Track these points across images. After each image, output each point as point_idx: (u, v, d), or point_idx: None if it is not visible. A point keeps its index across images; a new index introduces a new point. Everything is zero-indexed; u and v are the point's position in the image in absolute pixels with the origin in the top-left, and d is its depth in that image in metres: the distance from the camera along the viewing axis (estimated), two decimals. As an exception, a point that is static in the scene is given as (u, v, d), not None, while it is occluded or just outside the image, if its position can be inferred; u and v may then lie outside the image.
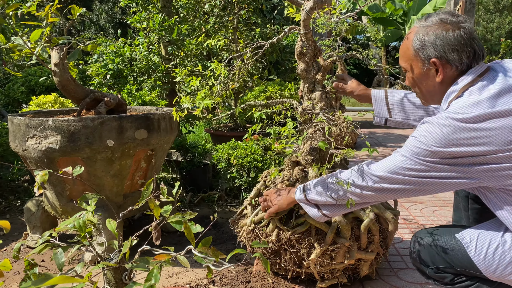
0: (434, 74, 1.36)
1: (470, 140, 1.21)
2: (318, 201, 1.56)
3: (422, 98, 1.49)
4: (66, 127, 1.99)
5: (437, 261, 1.38)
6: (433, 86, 1.39)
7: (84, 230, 1.11)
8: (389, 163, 1.35)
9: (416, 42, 1.37)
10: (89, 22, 12.27)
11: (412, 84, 1.46)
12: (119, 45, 4.08)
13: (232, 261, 2.12)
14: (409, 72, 1.44)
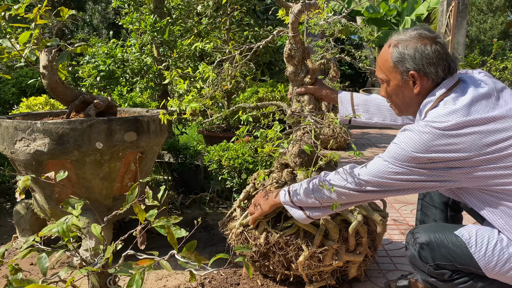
0: (411, 86, 1.43)
1: (448, 147, 1.28)
2: (303, 203, 1.57)
3: (396, 109, 1.55)
4: (55, 130, 1.98)
5: (437, 258, 1.40)
6: (409, 97, 1.46)
7: (68, 234, 1.11)
8: (372, 167, 1.40)
9: (395, 54, 1.42)
10: (82, 23, 12.22)
11: (389, 95, 1.52)
12: (110, 46, 4.07)
13: (223, 263, 2.12)
14: (386, 84, 1.49)
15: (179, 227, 1.10)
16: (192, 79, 4.36)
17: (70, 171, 2.09)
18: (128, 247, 1.23)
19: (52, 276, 1.12)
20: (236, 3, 4.90)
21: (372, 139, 6.68)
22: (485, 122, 1.28)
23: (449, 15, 8.09)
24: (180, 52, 4.20)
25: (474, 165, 1.28)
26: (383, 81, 1.50)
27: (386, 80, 1.48)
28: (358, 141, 6.49)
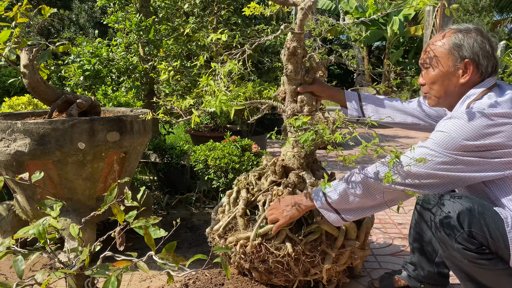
0: (459, 74, 1.47)
1: (498, 134, 1.32)
2: (341, 205, 1.54)
3: (435, 97, 1.55)
4: (36, 130, 1.95)
5: (474, 225, 1.36)
6: (454, 86, 1.49)
7: (45, 236, 1.09)
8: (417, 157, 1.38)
9: (455, 40, 1.46)
10: (69, 22, 12.09)
11: (432, 81, 1.52)
12: (96, 45, 4.03)
13: (209, 263, 2.11)
14: (434, 69, 1.50)
15: (164, 227, 1.09)
16: (179, 78, 4.34)
17: (52, 171, 2.06)
18: (107, 249, 1.22)
19: (29, 278, 1.10)
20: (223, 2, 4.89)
21: (363, 137, 6.71)
22: None
23: (436, 15, 8.16)
24: (166, 51, 4.17)
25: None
26: (429, 66, 1.51)
27: (433, 66, 1.50)
28: (346, 140, 6.51)
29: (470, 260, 1.37)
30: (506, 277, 1.37)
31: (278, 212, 1.67)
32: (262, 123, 6.69)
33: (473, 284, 1.43)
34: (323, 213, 1.60)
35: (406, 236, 2.54)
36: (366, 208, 1.54)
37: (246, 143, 3.18)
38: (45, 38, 2.44)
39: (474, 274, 1.41)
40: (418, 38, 14.07)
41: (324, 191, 1.57)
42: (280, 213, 1.66)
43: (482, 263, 1.36)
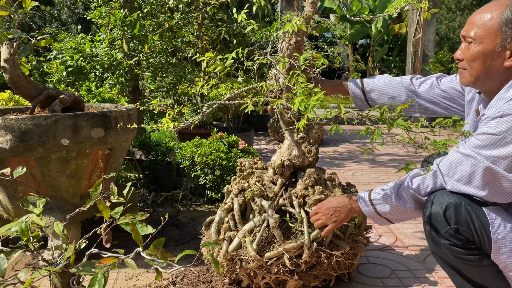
0: (505, 56, 1.30)
1: None
2: (390, 216, 1.53)
3: (471, 76, 1.39)
4: (17, 126, 1.90)
5: (460, 222, 1.33)
6: (496, 68, 1.32)
7: (28, 234, 1.06)
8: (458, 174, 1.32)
9: (508, 16, 1.27)
10: (50, 18, 11.86)
11: (471, 58, 1.36)
12: (79, 41, 3.95)
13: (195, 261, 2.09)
14: (477, 44, 1.33)
15: (150, 225, 1.06)
16: (164, 74, 4.29)
17: (34, 169, 2.01)
18: (93, 247, 1.19)
19: (11, 277, 1.07)
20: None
21: (345, 135, 6.75)
22: None
23: (420, 13, 8.24)
24: (151, 47, 4.12)
25: None
26: (472, 40, 1.34)
27: (477, 41, 1.32)
28: (332, 136, 6.55)
29: (456, 256, 1.36)
30: (492, 273, 1.37)
31: (325, 217, 1.63)
32: (249, 120, 6.68)
33: (461, 279, 1.43)
34: (371, 218, 1.58)
35: (393, 231, 2.55)
36: (416, 214, 1.53)
37: (233, 140, 3.16)
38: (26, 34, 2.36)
39: (461, 269, 1.41)
40: (402, 36, 14.21)
41: (371, 199, 1.54)
42: (328, 218, 1.62)
43: (468, 258, 1.35)
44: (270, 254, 1.64)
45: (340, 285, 1.89)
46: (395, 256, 2.20)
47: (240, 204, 1.75)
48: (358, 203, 1.57)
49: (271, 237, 1.66)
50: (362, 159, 4.84)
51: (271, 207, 1.68)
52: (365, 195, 1.56)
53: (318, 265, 1.69)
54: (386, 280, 1.94)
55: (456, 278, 1.44)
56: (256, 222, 1.69)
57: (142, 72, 4.20)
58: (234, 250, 1.67)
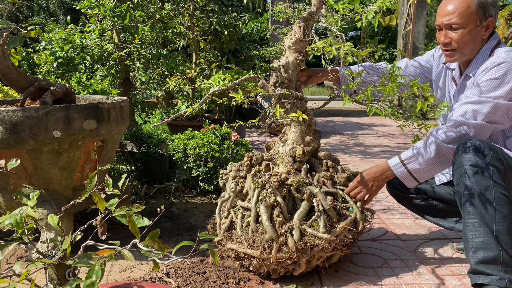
0: (482, 31, 1.70)
1: None
2: (420, 175, 1.74)
3: (461, 54, 1.74)
4: (8, 118, 1.87)
5: (497, 152, 1.59)
6: (478, 41, 1.72)
7: (22, 226, 1.05)
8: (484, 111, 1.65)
9: (480, 1, 1.65)
10: (38, 8, 11.67)
11: (463, 40, 1.70)
12: (68, 31, 3.90)
13: (189, 252, 2.09)
14: (464, 29, 1.68)
15: (143, 217, 1.06)
16: (155, 66, 4.26)
17: (26, 161, 1.99)
18: (89, 239, 1.18)
19: (6, 270, 1.06)
20: (200, -11, 4.81)
21: (336, 127, 6.77)
22: None
23: (410, 5, 8.26)
24: (142, 38, 4.08)
25: None
26: (460, 26, 1.68)
27: (463, 25, 1.67)
28: (323, 128, 6.57)
29: (498, 187, 1.54)
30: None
31: (366, 188, 1.80)
32: (240, 112, 6.67)
33: (486, 230, 1.53)
34: (403, 181, 1.77)
35: (385, 222, 2.58)
36: (442, 168, 1.74)
37: (225, 132, 3.15)
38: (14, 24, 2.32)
39: (497, 208, 1.53)
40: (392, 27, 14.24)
41: (402, 161, 1.74)
42: (369, 189, 1.80)
43: (505, 194, 1.54)
44: (336, 232, 1.74)
45: (333, 275, 1.91)
46: (387, 246, 2.22)
47: (283, 196, 1.79)
48: (391, 168, 1.77)
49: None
50: (353, 150, 4.87)
51: (321, 192, 1.76)
52: (396, 159, 1.77)
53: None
54: (379, 270, 1.96)
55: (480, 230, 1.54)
56: (303, 209, 1.75)
57: (133, 63, 4.16)
58: (299, 239, 1.71)
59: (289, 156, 1.87)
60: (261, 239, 1.73)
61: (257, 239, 1.74)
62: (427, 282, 1.85)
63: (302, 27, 1.89)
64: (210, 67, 5.41)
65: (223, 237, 1.86)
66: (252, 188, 1.83)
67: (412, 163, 1.72)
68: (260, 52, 6.25)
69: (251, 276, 1.90)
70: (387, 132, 6.22)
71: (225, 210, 1.93)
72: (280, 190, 1.77)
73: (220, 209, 1.93)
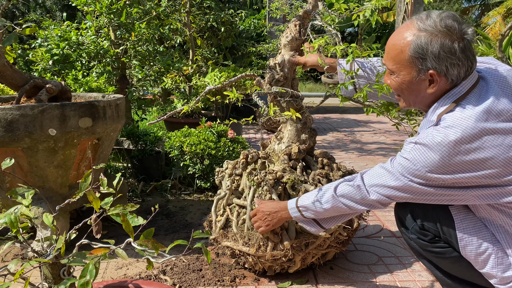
0: (426, 84, 1.26)
1: (468, 165, 1.16)
2: (316, 216, 1.52)
3: (405, 102, 1.38)
4: (3, 116, 1.87)
5: (427, 219, 1.36)
6: (422, 96, 1.30)
7: (17, 225, 1.05)
8: (382, 184, 1.32)
9: (415, 48, 1.22)
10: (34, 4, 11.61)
11: (396, 88, 1.34)
12: (64, 28, 3.89)
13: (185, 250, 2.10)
14: (396, 76, 1.31)
15: (139, 215, 1.06)
16: (152, 63, 4.25)
17: (21, 159, 1.99)
18: (84, 237, 1.19)
19: (0, 269, 1.07)
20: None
21: (333, 124, 6.78)
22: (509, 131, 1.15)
23: (407, 1, 8.26)
24: (138, 35, 4.07)
25: (495, 185, 1.18)
26: (393, 72, 1.31)
27: (395, 73, 1.30)
28: (320, 125, 6.58)
29: (424, 249, 1.39)
30: (464, 263, 1.35)
31: (261, 220, 1.67)
32: (237, 109, 6.67)
33: (439, 271, 1.44)
34: (302, 225, 1.59)
35: (380, 219, 2.59)
36: (343, 216, 1.52)
37: (222, 129, 3.16)
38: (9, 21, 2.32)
39: (435, 262, 1.42)
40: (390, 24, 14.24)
41: (298, 207, 1.55)
42: (263, 221, 1.66)
43: (436, 251, 1.37)
44: (330, 230, 1.75)
45: (328, 272, 1.92)
46: (382, 243, 2.24)
47: (279, 194, 1.79)
48: (288, 209, 1.58)
49: None
50: (350, 147, 4.88)
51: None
52: (293, 201, 1.57)
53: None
54: (373, 267, 1.98)
55: (436, 273, 1.46)
56: None
57: (130, 60, 4.15)
58: (294, 237, 1.74)
59: (284, 154, 1.88)
60: (256, 236, 1.74)
61: (253, 237, 1.75)
62: (421, 279, 1.86)
63: (298, 25, 1.90)
64: (207, 64, 5.40)
65: (219, 235, 1.86)
66: (248, 186, 1.84)
67: (307, 212, 1.52)
68: (257, 49, 6.25)
69: (247, 273, 1.91)
70: (383, 129, 6.23)
71: (221, 207, 1.93)
72: (276, 187, 1.78)
73: (216, 207, 1.94)
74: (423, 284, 1.82)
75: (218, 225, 1.88)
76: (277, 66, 1.90)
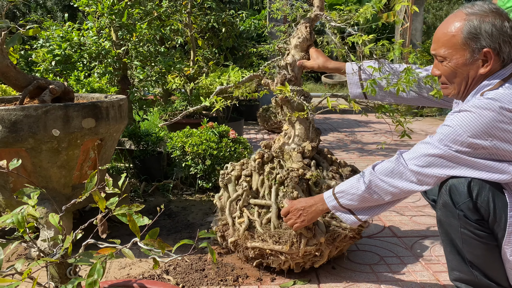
0: (479, 65, 1.33)
1: (509, 134, 1.23)
2: (353, 206, 1.53)
3: (453, 90, 1.43)
4: (7, 117, 1.88)
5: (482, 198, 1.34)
6: (473, 77, 1.36)
7: (24, 225, 1.06)
8: (420, 154, 1.36)
9: (469, 29, 1.30)
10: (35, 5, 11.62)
11: (449, 73, 1.40)
12: (66, 29, 3.90)
13: (187, 250, 2.11)
14: (449, 61, 1.38)
15: (142, 215, 1.07)
16: (153, 64, 4.26)
17: (25, 159, 2.00)
18: (89, 237, 1.20)
19: (8, 268, 1.08)
20: (197, -14, 4.80)
21: (334, 124, 6.79)
22: None
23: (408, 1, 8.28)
24: (139, 35, 4.08)
25: None
26: (444, 58, 1.38)
27: (448, 58, 1.37)
28: (320, 126, 6.59)
29: (465, 227, 1.35)
30: (494, 254, 1.35)
31: (295, 217, 1.67)
32: (238, 110, 6.68)
33: (458, 258, 1.41)
34: (338, 215, 1.61)
35: (382, 219, 2.60)
36: (380, 206, 1.53)
37: (223, 129, 3.17)
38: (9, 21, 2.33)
39: (464, 246, 1.39)
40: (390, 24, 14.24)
41: (335, 194, 1.57)
42: (298, 218, 1.66)
43: (477, 233, 1.34)
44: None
45: (330, 271, 1.93)
46: (384, 243, 2.25)
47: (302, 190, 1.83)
48: (325, 200, 1.60)
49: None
50: (350, 148, 4.89)
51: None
52: (329, 191, 1.61)
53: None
54: (375, 266, 1.99)
55: (453, 257, 1.43)
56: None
57: (131, 61, 4.16)
58: (325, 231, 1.78)
59: (298, 152, 1.91)
60: (287, 234, 1.75)
61: (283, 235, 1.76)
62: (422, 279, 1.87)
63: (309, 27, 1.94)
64: (208, 64, 5.41)
65: (243, 237, 1.82)
66: (267, 185, 1.85)
67: (343, 198, 1.55)
68: (257, 50, 6.26)
69: (249, 273, 1.92)
70: (384, 129, 6.24)
71: (237, 209, 1.89)
72: (300, 185, 1.82)
73: (230, 209, 1.92)
74: (425, 284, 1.83)
75: (243, 227, 1.82)
76: (289, 66, 1.94)
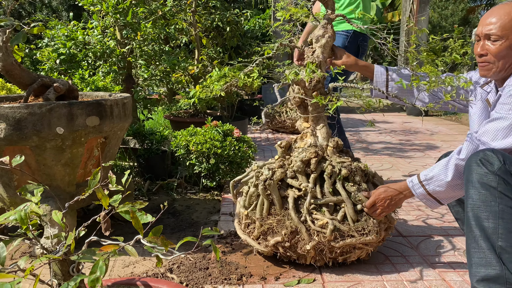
0: None
1: None
2: (440, 192, 1.64)
3: (496, 68, 1.58)
4: (11, 115, 1.88)
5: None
6: None
7: (27, 222, 1.06)
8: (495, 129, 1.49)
9: None
10: (41, 4, 11.67)
11: (500, 52, 1.55)
12: (71, 28, 3.90)
13: (191, 248, 2.10)
14: (504, 40, 1.53)
15: (146, 213, 1.07)
16: (157, 62, 4.26)
17: (29, 157, 2.01)
18: (92, 234, 1.19)
19: (11, 265, 1.07)
20: (202, -15, 4.80)
21: (339, 123, 6.77)
22: None
23: (413, 0, 8.23)
24: (144, 34, 4.08)
25: None
26: (498, 37, 1.54)
27: (504, 38, 1.53)
28: (325, 125, 6.56)
29: (501, 191, 1.38)
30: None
31: (382, 207, 1.79)
32: (242, 109, 6.67)
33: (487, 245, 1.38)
34: (423, 202, 1.72)
35: (386, 218, 2.59)
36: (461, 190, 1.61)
37: (228, 128, 3.16)
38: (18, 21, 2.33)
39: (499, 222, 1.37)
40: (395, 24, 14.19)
41: (421, 181, 1.68)
42: (386, 207, 1.79)
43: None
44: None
45: (334, 270, 1.92)
46: (389, 243, 2.23)
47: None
48: (410, 188, 1.73)
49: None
50: (356, 147, 4.87)
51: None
52: (415, 178, 1.72)
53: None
54: (380, 266, 1.97)
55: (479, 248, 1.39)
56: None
57: (135, 60, 4.17)
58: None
59: (333, 148, 1.97)
60: (371, 224, 1.82)
61: (365, 226, 1.82)
62: (428, 279, 1.85)
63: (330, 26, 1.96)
64: (212, 63, 5.41)
65: (331, 237, 1.79)
66: (330, 183, 1.87)
67: (431, 184, 1.65)
68: (262, 49, 6.24)
69: (253, 272, 1.91)
70: (389, 128, 6.21)
71: (304, 210, 1.84)
72: (364, 178, 1.95)
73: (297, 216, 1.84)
74: (430, 283, 1.81)
75: (329, 228, 1.78)
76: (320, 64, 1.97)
